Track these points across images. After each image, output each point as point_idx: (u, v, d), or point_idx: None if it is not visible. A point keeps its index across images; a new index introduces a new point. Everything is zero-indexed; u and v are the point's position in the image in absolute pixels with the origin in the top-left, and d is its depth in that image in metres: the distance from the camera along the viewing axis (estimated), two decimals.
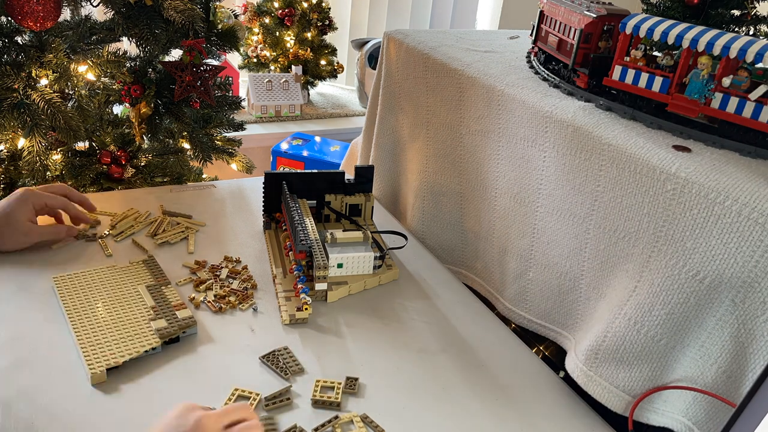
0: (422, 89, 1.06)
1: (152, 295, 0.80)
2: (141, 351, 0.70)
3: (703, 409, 0.65)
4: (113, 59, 1.13)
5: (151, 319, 0.75)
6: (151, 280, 0.83)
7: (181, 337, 0.75)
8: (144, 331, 0.73)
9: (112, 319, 0.75)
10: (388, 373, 0.74)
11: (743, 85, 0.67)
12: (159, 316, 0.76)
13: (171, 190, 1.12)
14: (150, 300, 0.79)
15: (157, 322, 0.75)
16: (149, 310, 0.77)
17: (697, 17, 1.02)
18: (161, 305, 0.78)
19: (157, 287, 0.82)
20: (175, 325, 0.74)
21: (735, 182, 0.60)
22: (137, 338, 0.72)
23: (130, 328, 0.74)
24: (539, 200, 0.84)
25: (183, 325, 0.75)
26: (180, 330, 0.74)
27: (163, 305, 0.78)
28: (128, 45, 1.19)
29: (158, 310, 0.77)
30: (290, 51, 2.23)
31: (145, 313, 0.76)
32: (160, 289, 0.81)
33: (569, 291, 0.81)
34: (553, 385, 0.76)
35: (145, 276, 0.84)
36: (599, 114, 0.77)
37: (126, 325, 0.74)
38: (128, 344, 0.71)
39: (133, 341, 0.71)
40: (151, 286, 0.82)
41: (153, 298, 0.79)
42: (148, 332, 0.73)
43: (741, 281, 0.59)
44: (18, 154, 1.10)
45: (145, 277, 0.84)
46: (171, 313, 0.76)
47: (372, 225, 1.05)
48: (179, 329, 0.74)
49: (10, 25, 1.06)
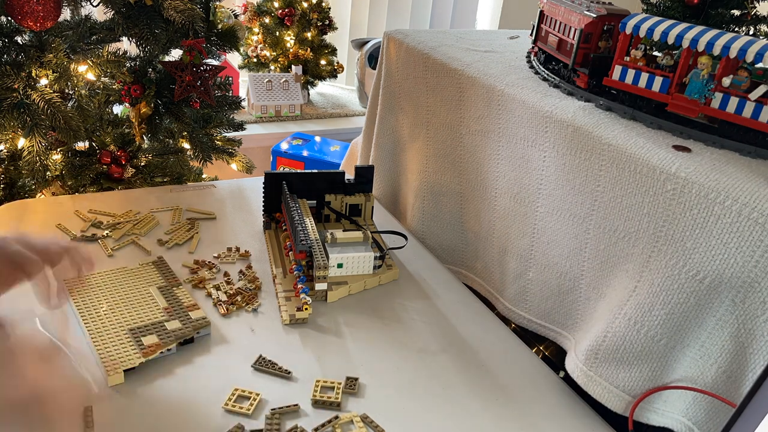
0: (422, 89, 1.06)
1: (164, 296, 0.80)
2: (157, 352, 0.70)
3: (703, 409, 0.65)
4: (113, 59, 1.13)
5: (165, 321, 0.75)
6: (162, 281, 0.83)
7: (196, 337, 0.75)
8: (159, 332, 0.73)
9: (126, 321, 0.75)
10: (388, 373, 0.74)
11: (743, 85, 0.67)
12: (173, 317, 0.76)
13: (171, 190, 1.12)
14: (163, 301, 0.79)
15: (171, 323, 0.75)
16: (162, 312, 0.77)
17: (697, 17, 1.02)
18: (174, 306, 0.78)
19: (169, 288, 0.82)
20: (189, 326, 0.75)
21: (735, 182, 0.60)
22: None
23: (145, 330, 0.73)
24: (539, 200, 0.84)
25: (197, 325, 0.75)
26: (194, 331, 0.74)
27: (176, 306, 0.78)
28: (128, 45, 1.20)
29: (171, 311, 0.77)
30: (290, 51, 2.23)
31: (159, 315, 0.76)
32: (171, 290, 0.81)
33: (569, 291, 0.81)
34: (553, 385, 0.76)
35: (156, 277, 0.84)
36: (599, 114, 0.77)
37: (140, 326, 0.74)
38: (147, 344, 0.71)
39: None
40: (163, 287, 0.82)
41: (165, 299, 0.79)
42: (163, 333, 0.73)
43: (741, 281, 0.59)
44: (18, 154, 1.10)
45: (156, 279, 0.84)
46: (185, 314, 0.77)
47: (372, 225, 1.05)
48: (194, 330, 0.74)
49: (10, 25, 1.06)
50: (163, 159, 1.29)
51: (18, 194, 1.17)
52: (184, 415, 0.65)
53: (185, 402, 0.66)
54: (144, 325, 0.74)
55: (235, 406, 0.66)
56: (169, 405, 0.66)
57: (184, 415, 0.65)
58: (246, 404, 0.66)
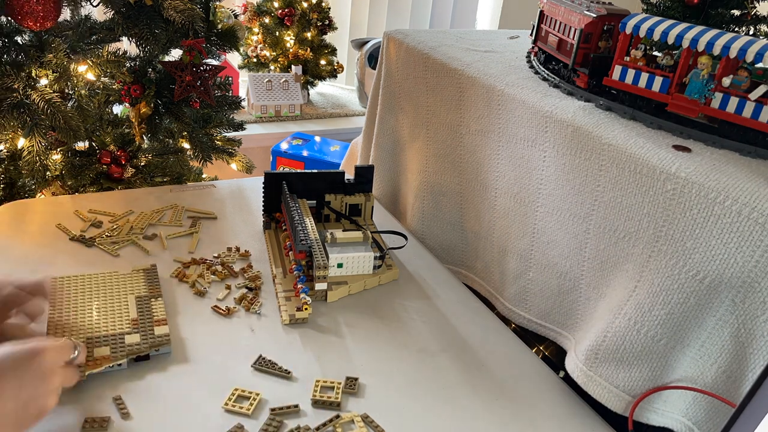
0: (422, 89, 1.06)
1: (138, 307, 0.77)
2: (103, 365, 0.67)
3: (703, 409, 0.65)
4: (113, 59, 1.13)
5: (127, 333, 0.72)
6: (144, 291, 0.80)
7: (153, 355, 0.71)
8: (114, 345, 0.70)
9: (89, 328, 0.72)
10: (388, 373, 0.74)
11: (743, 85, 0.67)
12: (135, 331, 0.72)
13: (171, 190, 1.12)
14: (134, 312, 0.76)
15: (131, 336, 0.72)
16: (128, 323, 0.74)
17: (697, 17, 1.02)
18: (143, 319, 0.75)
19: (147, 299, 0.78)
20: (147, 342, 0.71)
21: (735, 182, 0.60)
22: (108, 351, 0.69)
23: (102, 340, 0.71)
24: (539, 200, 0.84)
25: (155, 343, 0.71)
26: (150, 348, 0.71)
27: (145, 319, 0.75)
28: (128, 45, 1.20)
29: (138, 324, 0.74)
30: (290, 51, 2.23)
31: (125, 326, 0.73)
32: (148, 302, 0.78)
33: (569, 291, 0.81)
34: (553, 385, 0.76)
35: (140, 286, 0.81)
36: (599, 114, 0.77)
37: (98, 336, 0.71)
38: (96, 356, 0.68)
39: (103, 354, 0.69)
40: (142, 297, 0.79)
41: (138, 311, 0.76)
42: (117, 347, 0.70)
43: (741, 281, 0.59)
44: (18, 154, 1.10)
45: (140, 287, 0.81)
46: (149, 329, 0.73)
47: (372, 225, 1.05)
48: (150, 347, 0.71)
49: (10, 25, 1.06)
50: (163, 159, 1.29)
51: (18, 194, 1.17)
52: (184, 415, 0.65)
53: (185, 402, 0.66)
54: (103, 336, 0.71)
55: (235, 406, 0.66)
56: (168, 405, 0.66)
57: (184, 415, 0.65)
58: (246, 404, 0.66)
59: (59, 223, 0.96)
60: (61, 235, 0.94)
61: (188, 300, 0.83)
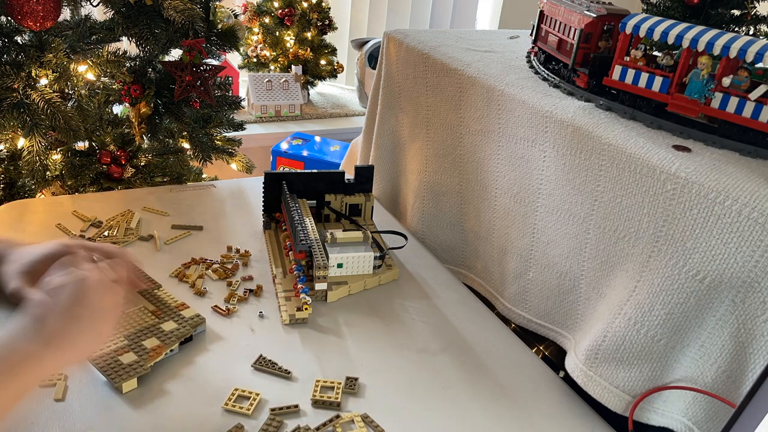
0: (422, 89, 1.06)
1: (149, 300, 0.78)
2: (162, 354, 0.70)
3: (703, 409, 0.65)
4: (113, 59, 1.13)
5: (159, 323, 0.74)
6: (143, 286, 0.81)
7: (194, 335, 0.75)
8: (157, 334, 0.72)
9: (129, 323, 0.73)
10: (388, 373, 0.74)
11: (743, 85, 0.67)
12: (165, 319, 0.75)
13: (171, 190, 1.12)
14: (149, 305, 0.77)
15: (167, 324, 0.74)
16: (151, 315, 0.75)
17: (697, 17, 1.02)
18: (162, 308, 0.77)
19: (150, 292, 0.79)
20: (186, 324, 0.75)
21: (735, 182, 0.60)
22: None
23: (142, 334, 0.72)
24: (539, 200, 0.84)
25: (194, 323, 0.75)
26: (192, 329, 0.74)
27: (164, 308, 0.77)
28: (128, 45, 1.19)
29: (161, 313, 0.76)
30: (290, 51, 2.23)
31: (149, 318, 0.75)
32: (153, 294, 0.79)
33: (569, 291, 0.81)
34: (553, 385, 0.76)
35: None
36: (599, 114, 0.77)
37: (135, 331, 0.72)
38: (149, 348, 0.70)
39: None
40: (143, 291, 0.79)
41: (151, 303, 0.78)
42: (162, 335, 0.72)
43: (741, 281, 0.59)
44: (18, 154, 1.10)
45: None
46: (177, 314, 0.76)
47: (372, 225, 1.05)
48: (191, 328, 0.74)
49: (10, 24, 1.06)
50: (162, 159, 1.29)
51: (18, 194, 1.17)
52: (184, 415, 0.65)
53: (185, 402, 0.66)
54: (140, 330, 0.73)
55: (235, 406, 0.66)
56: (169, 405, 0.66)
57: (184, 415, 0.65)
58: (246, 404, 0.66)
59: (59, 223, 0.96)
60: (60, 235, 0.94)
61: (188, 300, 0.82)
